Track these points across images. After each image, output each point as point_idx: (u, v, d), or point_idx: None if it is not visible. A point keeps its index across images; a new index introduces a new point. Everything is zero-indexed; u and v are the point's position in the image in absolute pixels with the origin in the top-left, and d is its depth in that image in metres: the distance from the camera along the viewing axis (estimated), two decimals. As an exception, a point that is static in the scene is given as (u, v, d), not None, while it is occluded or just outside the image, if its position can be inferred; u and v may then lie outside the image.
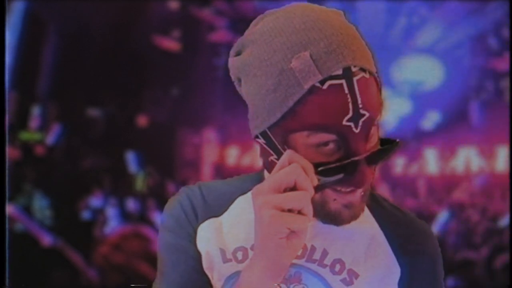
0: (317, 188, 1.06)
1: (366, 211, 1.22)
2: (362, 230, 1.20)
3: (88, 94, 8.15)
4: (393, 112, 12.88)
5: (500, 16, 10.95)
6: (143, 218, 7.00)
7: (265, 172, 1.22)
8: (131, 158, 10.33)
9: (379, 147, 1.12)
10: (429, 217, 7.77)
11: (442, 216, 7.42)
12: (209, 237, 1.19)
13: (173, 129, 11.41)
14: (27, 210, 5.93)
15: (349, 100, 1.04)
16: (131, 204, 7.65)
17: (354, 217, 1.14)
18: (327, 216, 1.13)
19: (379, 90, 1.12)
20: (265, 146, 1.14)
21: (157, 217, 6.92)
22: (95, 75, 8.10)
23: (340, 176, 1.07)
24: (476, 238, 6.54)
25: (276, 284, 1.05)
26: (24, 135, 6.81)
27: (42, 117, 7.49)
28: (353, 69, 1.06)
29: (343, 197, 1.11)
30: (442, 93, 12.45)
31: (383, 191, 11.72)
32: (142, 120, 11.88)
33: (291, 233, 1.02)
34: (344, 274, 1.17)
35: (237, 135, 12.90)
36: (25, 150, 6.67)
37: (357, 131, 1.06)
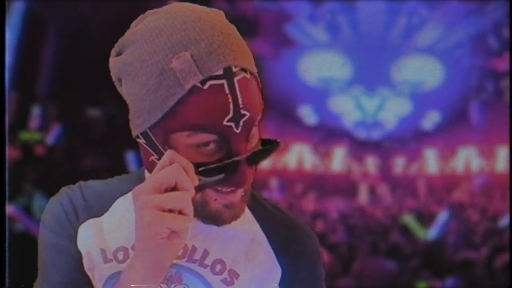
0: (198, 188, 1.05)
1: (247, 211, 1.22)
2: (243, 231, 1.20)
3: (88, 94, 8.15)
4: (393, 112, 12.91)
5: (500, 16, 10.96)
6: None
7: (146, 172, 1.19)
8: (131, 158, 10.35)
9: (259, 147, 1.12)
10: (429, 217, 7.77)
11: (442, 216, 7.43)
12: (89, 237, 1.17)
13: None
14: (27, 210, 5.94)
15: (230, 100, 1.04)
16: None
17: (235, 217, 1.14)
18: (208, 216, 1.12)
19: (260, 91, 1.11)
20: (146, 146, 1.12)
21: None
22: (95, 75, 8.09)
23: (221, 176, 1.06)
24: (476, 238, 6.55)
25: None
26: (24, 135, 6.82)
27: (42, 117, 7.50)
28: (234, 69, 1.05)
29: (223, 197, 1.10)
30: (442, 93, 12.47)
31: (383, 191, 11.74)
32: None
33: (172, 233, 1.01)
34: (225, 274, 1.16)
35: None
36: (25, 150, 6.68)
37: (237, 131, 1.06)
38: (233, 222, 1.15)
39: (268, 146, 1.11)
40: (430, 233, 7.03)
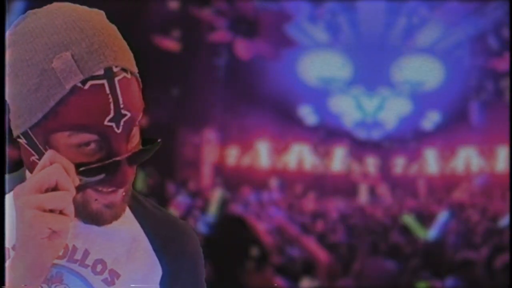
0: (79, 188, 1.06)
1: (128, 211, 1.21)
2: (123, 230, 1.21)
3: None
4: (393, 112, 12.92)
5: (500, 16, 10.96)
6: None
7: (27, 173, 1.19)
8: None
9: (140, 147, 1.13)
10: (429, 217, 7.77)
11: (442, 216, 7.43)
12: None
13: (173, 129, 11.44)
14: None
15: (111, 100, 1.05)
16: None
17: (116, 217, 1.14)
18: (89, 216, 1.13)
19: (140, 90, 1.12)
20: (26, 146, 1.12)
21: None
22: (95, 75, 8.08)
23: (102, 176, 1.08)
24: (476, 238, 6.55)
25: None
26: (24, 135, 6.83)
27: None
28: (115, 69, 1.06)
29: (104, 197, 1.11)
30: (442, 93, 12.46)
31: (383, 191, 11.74)
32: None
33: (53, 233, 1.02)
34: (106, 274, 1.17)
35: (237, 135, 12.93)
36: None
37: (118, 131, 1.07)
38: (114, 222, 1.15)
39: (148, 146, 1.13)
40: (430, 233, 7.03)
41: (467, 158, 12.12)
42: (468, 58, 12.06)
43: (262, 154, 12.13)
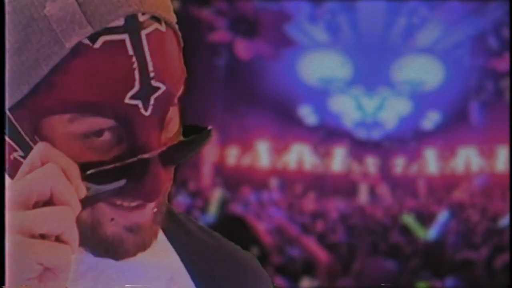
0: (86, 202, 0.70)
1: (162, 237, 0.84)
2: (154, 267, 0.83)
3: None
4: (393, 112, 12.92)
5: (500, 16, 10.96)
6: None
7: (7, 178, 0.75)
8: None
9: (181, 138, 0.79)
10: (429, 217, 7.77)
11: (442, 216, 7.43)
12: None
13: (173, 129, 11.39)
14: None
15: (135, 65, 0.70)
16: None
17: (142, 246, 0.77)
18: (102, 244, 0.75)
19: (181, 50, 0.80)
20: (6, 137, 0.75)
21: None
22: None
23: (121, 183, 0.72)
24: (476, 238, 6.55)
25: None
26: (24, 135, 6.83)
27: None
28: (141, 18, 0.71)
29: (125, 216, 0.75)
30: (442, 93, 12.47)
31: (383, 191, 11.75)
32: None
33: (45, 270, 0.66)
34: None
35: (237, 135, 12.93)
36: (25, 150, 6.68)
37: (147, 113, 0.72)
38: (139, 254, 0.78)
39: (195, 137, 0.79)
40: (430, 233, 7.03)
41: (467, 158, 12.12)
42: (468, 58, 12.06)
43: (262, 154, 12.13)
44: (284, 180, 11.51)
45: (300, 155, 12.32)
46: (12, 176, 0.73)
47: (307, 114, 12.36)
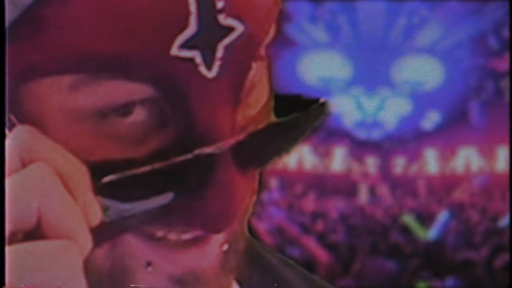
0: (103, 232, 0.42)
1: None
2: None
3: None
4: (393, 112, 12.92)
5: (500, 16, 10.97)
6: (143, 218, 6.99)
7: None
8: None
9: (272, 118, 0.50)
10: (429, 217, 7.78)
11: (442, 216, 7.43)
12: None
13: (173, 129, 11.36)
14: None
15: None
16: (131, 204, 7.63)
17: None
18: None
19: None
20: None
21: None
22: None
23: (166, 199, 0.43)
24: (476, 238, 6.55)
25: None
26: (24, 135, 6.83)
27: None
28: None
29: (172, 257, 0.46)
30: (442, 93, 12.47)
31: (383, 191, 11.75)
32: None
33: None
34: None
35: (237, 135, 12.89)
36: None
37: (211, 74, 0.43)
38: None
39: (298, 116, 0.50)
40: (430, 233, 7.03)
41: (467, 158, 12.12)
42: (468, 58, 12.07)
43: (262, 154, 12.12)
44: (284, 180, 11.51)
45: (300, 155, 12.32)
46: None
47: (307, 114, 12.36)
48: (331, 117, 12.86)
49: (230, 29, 0.44)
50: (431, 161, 12.43)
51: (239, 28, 0.45)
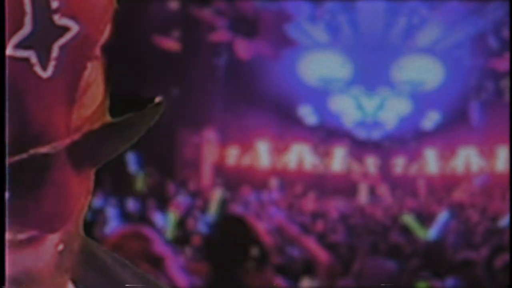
0: None
1: None
2: None
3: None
4: (393, 112, 12.92)
5: (500, 16, 10.97)
6: (143, 218, 7.00)
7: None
8: (131, 158, 10.37)
9: (107, 118, 0.49)
10: (429, 217, 7.77)
11: (442, 216, 7.42)
12: None
13: (173, 129, 11.45)
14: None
15: None
16: (131, 204, 7.64)
17: None
18: None
19: None
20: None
21: (157, 217, 6.92)
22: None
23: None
24: (476, 238, 6.55)
25: None
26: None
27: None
28: None
29: (7, 256, 0.45)
30: (442, 93, 12.47)
31: (383, 191, 11.75)
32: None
33: None
34: None
35: (237, 135, 12.93)
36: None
37: (46, 74, 0.43)
38: None
39: (132, 116, 0.49)
40: (430, 233, 7.02)
41: (467, 158, 12.12)
42: (468, 58, 12.07)
43: (262, 154, 12.13)
44: (284, 180, 11.51)
45: (300, 155, 12.32)
46: None
47: (307, 114, 12.37)
48: (331, 117, 12.92)
49: (65, 29, 0.45)
50: (431, 161, 12.44)
51: (74, 28, 0.45)
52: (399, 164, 12.35)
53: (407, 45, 12.23)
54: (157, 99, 0.51)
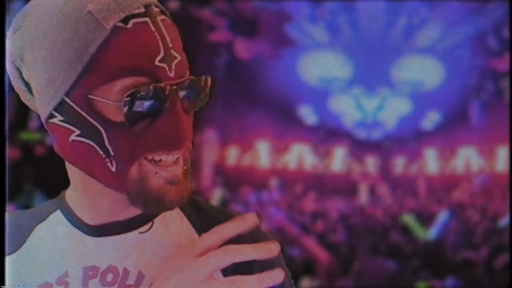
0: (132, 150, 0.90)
1: (179, 214, 1.01)
2: (182, 240, 0.99)
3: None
4: (393, 112, 12.92)
5: (500, 16, 10.98)
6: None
7: (69, 193, 1.01)
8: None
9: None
10: (429, 217, 7.78)
11: (442, 216, 7.43)
12: (7, 276, 1.00)
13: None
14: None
15: (158, 37, 0.90)
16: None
17: (181, 197, 0.91)
18: (149, 197, 0.90)
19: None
20: (61, 124, 0.92)
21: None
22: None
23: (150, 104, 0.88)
24: (476, 238, 6.55)
25: None
26: (24, 135, 6.82)
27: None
28: (155, 9, 0.93)
29: (166, 169, 0.90)
30: (442, 93, 12.48)
31: (383, 191, 11.75)
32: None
33: None
34: None
35: (237, 135, 12.94)
36: (25, 150, 6.68)
37: (171, 74, 0.90)
38: (168, 230, 0.98)
39: (201, 78, 0.95)
40: (430, 233, 7.03)
41: (467, 158, 12.13)
42: (468, 58, 12.07)
43: (262, 154, 12.14)
44: (284, 180, 11.52)
45: (300, 155, 12.32)
46: (70, 160, 0.95)
47: (307, 114, 12.37)
48: (331, 117, 12.94)
49: (176, 57, 0.84)
50: (431, 161, 12.44)
51: (178, 57, 0.86)
52: (399, 164, 12.36)
53: (407, 45, 12.24)
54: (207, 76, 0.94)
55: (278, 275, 0.83)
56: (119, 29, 0.89)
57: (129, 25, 0.89)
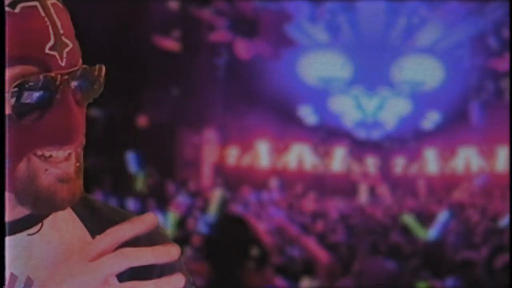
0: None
1: (71, 214, 0.94)
2: (74, 242, 0.91)
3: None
4: (393, 112, 12.92)
5: (500, 16, 10.97)
6: (143, 218, 7.00)
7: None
8: (131, 158, 10.37)
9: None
10: (429, 217, 7.78)
11: (442, 216, 7.43)
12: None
13: (173, 129, 11.45)
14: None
15: (48, 23, 0.84)
16: (131, 204, 7.64)
17: (73, 196, 0.85)
18: (39, 196, 0.84)
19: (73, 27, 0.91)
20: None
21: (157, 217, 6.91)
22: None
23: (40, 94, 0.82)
24: (476, 238, 6.55)
25: None
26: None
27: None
28: None
29: (56, 166, 0.84)
30: (442, 93, 12.47)
31: (383, 191, 11.75)
32: (142, 120, 11.91)
33: None
34: None
35: (237, 135, 12.94)
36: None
37: (62, 63, 0.84)
38: (59, 232, 0.90)
39: (95, 67, 0.89)
40: (430, 233, 7.03)
41: (467, 158, 12.12)
42: (468, 58, 12.07)
43: (262, 154, 12.14)
44: (284, 180, 11.51)
45: (300, 155, 12.32)
46: None
47: (307, 114, 12.37)
48: (331, 117, 12.93)
49: (67, 44, 0.77)
50: (431, 161, 12.44)
51: (70, 45, 0.77)
52: (399, 164, 12.36)
53: (407, 45, 12.23)
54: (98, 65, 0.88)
55: (178, 280, 0.78)
56: (7, 15, 0.83)
57: (17, 9, 0.83)
